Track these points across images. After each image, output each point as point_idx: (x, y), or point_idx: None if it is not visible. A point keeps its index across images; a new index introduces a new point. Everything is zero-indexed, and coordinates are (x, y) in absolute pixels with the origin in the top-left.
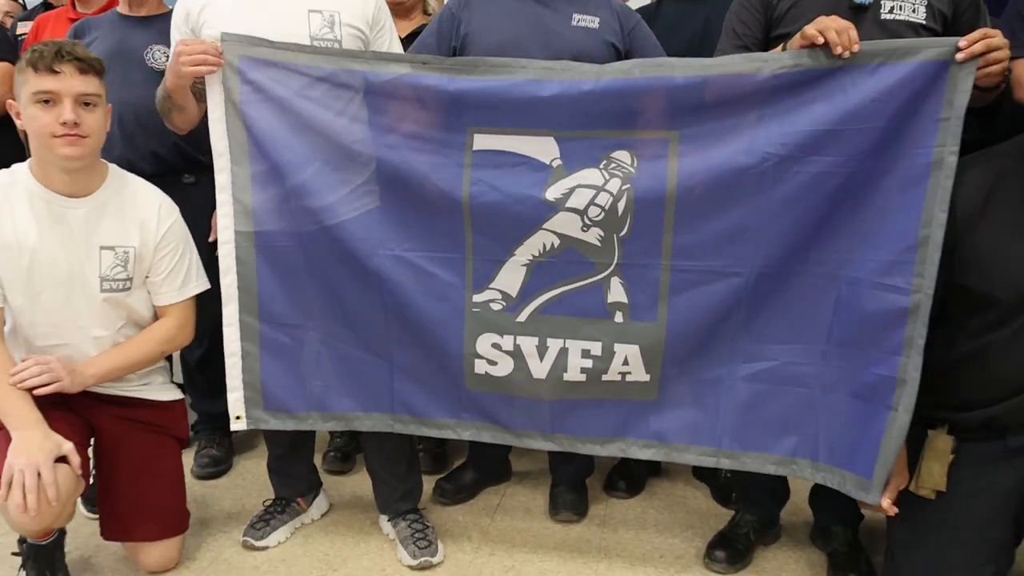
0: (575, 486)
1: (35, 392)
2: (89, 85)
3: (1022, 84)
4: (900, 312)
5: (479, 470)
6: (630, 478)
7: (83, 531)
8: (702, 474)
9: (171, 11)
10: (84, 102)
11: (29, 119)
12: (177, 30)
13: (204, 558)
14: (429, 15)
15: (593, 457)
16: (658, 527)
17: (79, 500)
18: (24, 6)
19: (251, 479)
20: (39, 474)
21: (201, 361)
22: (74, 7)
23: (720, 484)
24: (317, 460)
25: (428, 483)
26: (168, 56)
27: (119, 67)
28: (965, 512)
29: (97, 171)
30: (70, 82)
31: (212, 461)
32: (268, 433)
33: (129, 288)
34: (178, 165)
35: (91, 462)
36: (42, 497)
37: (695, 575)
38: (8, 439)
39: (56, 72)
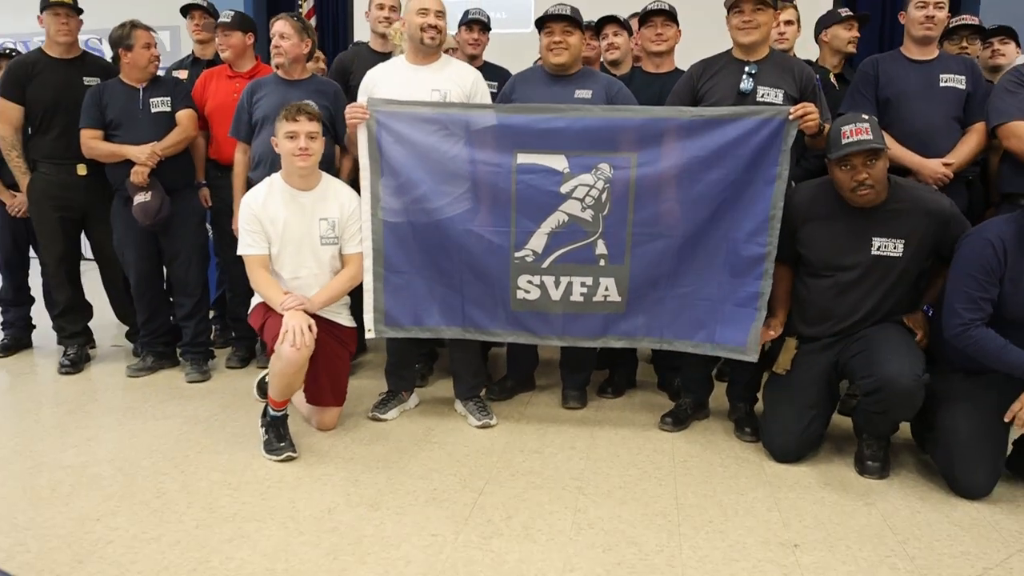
0: (579, 388)
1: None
2: (313, 127)
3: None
4: (760, 256)
5: (515, 380)
6: (614, 385)
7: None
8: (663, 386)
9: (313, 76)
10: (310, 136)
11: (282, 145)
12: (363, 93)
13: (350, 423)
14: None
15: (591, 371)
16: (631, 411)
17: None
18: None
19: (366, 388)
20: (306, 327)
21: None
22: (231, 68)
23: (674, 390)
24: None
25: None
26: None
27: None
28: (799, 380)
29: (316, 175)
30: (304, 126)
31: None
32: (388, 345)
33: (336, 243)
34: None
35: None
36: (301, 341)
37: (653, 434)
38: (278, 320)
39: (296, 120)
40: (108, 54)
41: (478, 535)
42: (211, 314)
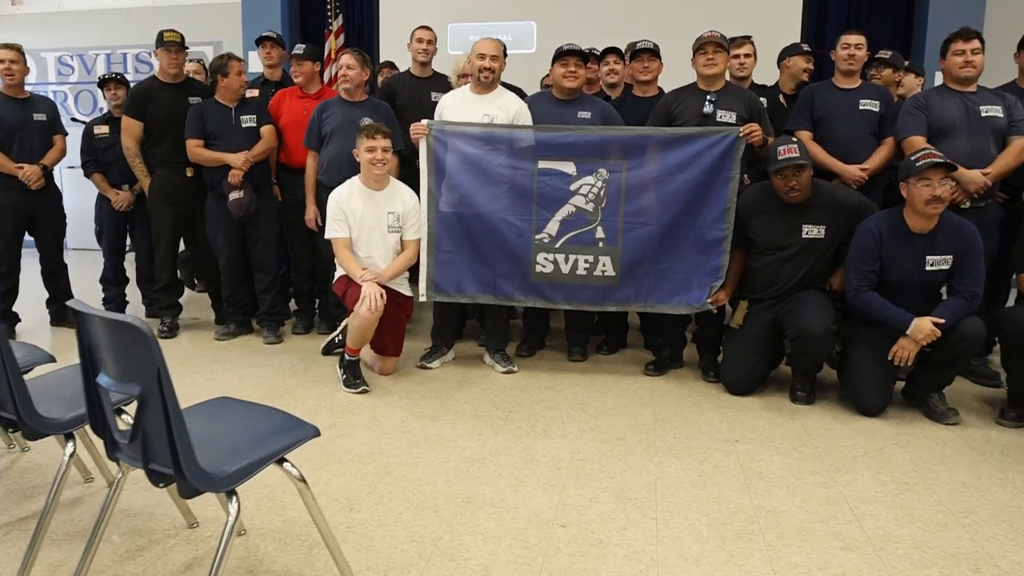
0: (581, 345)
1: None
2: (386, 143)
3: (762, 149)
4: (720, 238)
5: (529, 343)
6: (609, 345)
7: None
8: (648, 346)
9: (369, 97)
10: (384, 150)
11: (363, 156)
12: (438, 114)
13: (403, 371)
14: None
15: (590, 333)
16: (622, 363)
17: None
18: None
19: (410, 348)
20: (379, 295)
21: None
22: (301, 90)
23: (657, 348)
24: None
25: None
26: (370, 121)
27: (347, 128)
28: (748, 332)
29: (386, 179)
30: (379, 142)
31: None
32: (435, 309)
33: (399, 231)
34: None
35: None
36: (376, 305)
37: (639, 377)
38: (357, 289)
39: (375, 138)
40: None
41: (511, 435)
42: None
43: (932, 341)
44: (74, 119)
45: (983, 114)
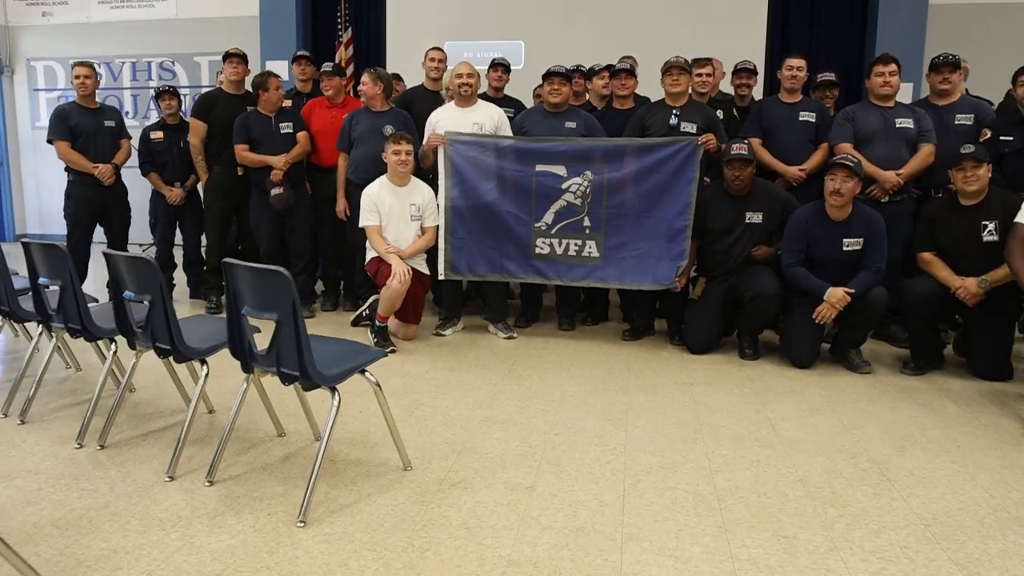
0: (569, 317)
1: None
2: (408, 147)
3: (717, 154)
4: (684, 227)
5: (525, 316)
6: (593, 318)
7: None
8: (626, 318)
9: (391, 108)
10: (408, 153)
11: (390, 158)
12: (430, 127)
13: (421, 338)
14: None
15: (576, 307)
16: (604, 332)
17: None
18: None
19: (429, 320)
20: (408, 270)
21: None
22: (329, 101)
23: (632, 320)
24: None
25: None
26: (392, 129)
27: (372, 135)
28: (706, 302)
29: (408, 177)
30: (404, 147)
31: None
32: (445, 288)
33: (419, 219)
34: (375, 176)
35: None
36: (405, 279)
37: (618, 342)
38: (388, 268)
39: (400, 143)
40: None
41: (514, 379)
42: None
43: (848, 306)
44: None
45: (898, 125)
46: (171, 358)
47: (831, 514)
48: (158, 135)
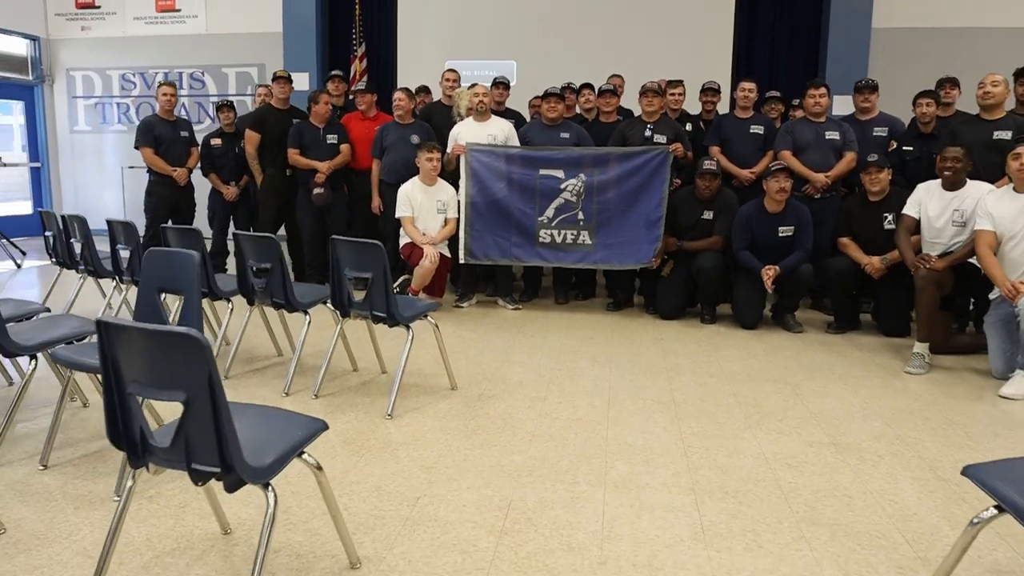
0: (564, 293)
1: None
2: (436, 155)
3: (684, 160)
4: (659, 218)
5: (527, 294)
6: (584, 293)
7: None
8: (610, 294)
9: (416, 120)
10: (437, 159)
11: (422, 164)
12: (452, 139)
13: (444, 309)
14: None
15: (568, 287)
16: (591, 305)
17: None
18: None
19: (447, 297)
20: (436, 254)
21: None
22: (363, 114)
23: (615, 295)
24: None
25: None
26: (418, 138)
27: (401, 143)
28: (674, 280)
29: (436, 178)
30: (434, 154)
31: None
32: (464, 268)
33: (444, 213)
34: (405, 177)
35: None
36: (435, 260)
37: (603, 312)
38: (419, 251)
39: (430, 151)
40: (210, 85)
41: (524, 337)
42: None
43: (783, 278)
44: None
45: (827, 137)
46: (284, 309)
47: (751, 411)
48: (217, 142)
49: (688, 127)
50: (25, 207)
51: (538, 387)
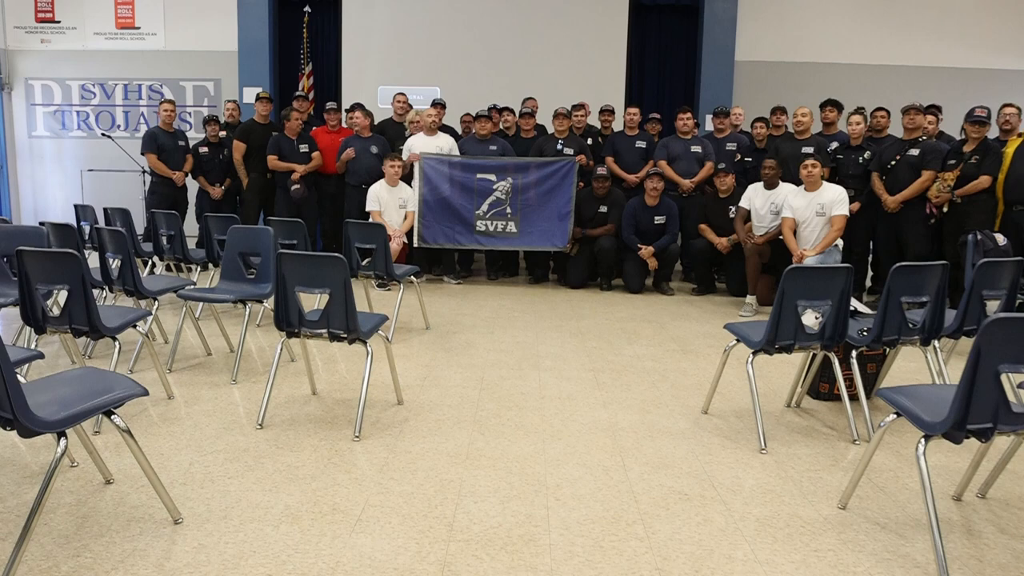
0: (495, 272)
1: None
2: (398, 162)
3: (587, 167)
4: (568, 212)
5: (464, 272)
6: (508, 271)
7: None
8: (529, 272)
9: (373, 134)
10: (399, 166)
11: (387, 170)
12: (407, 149)
13: (434, 284)
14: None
15: (497, 268)
16: (516, 281)
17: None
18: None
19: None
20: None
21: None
22: (328, 128)
23: (534, 271)
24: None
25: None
26: (377, 148)
27: (366, 155)
28: (578, 258)
29: (398, 180)
30: (395, 162)
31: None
32: (422, 252)
33: (404, 208)
34: (366, 180)
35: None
36: (400, 244)
37: (525, 285)
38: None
39: (393, 160)
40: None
41: (468, 301)
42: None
43: (656, 255)
44: (104, 134)
45: (692, 150)
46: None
47: (632, 335)
48: (204, 149)
49: (589, 141)
50: None
51: (487, 326)
